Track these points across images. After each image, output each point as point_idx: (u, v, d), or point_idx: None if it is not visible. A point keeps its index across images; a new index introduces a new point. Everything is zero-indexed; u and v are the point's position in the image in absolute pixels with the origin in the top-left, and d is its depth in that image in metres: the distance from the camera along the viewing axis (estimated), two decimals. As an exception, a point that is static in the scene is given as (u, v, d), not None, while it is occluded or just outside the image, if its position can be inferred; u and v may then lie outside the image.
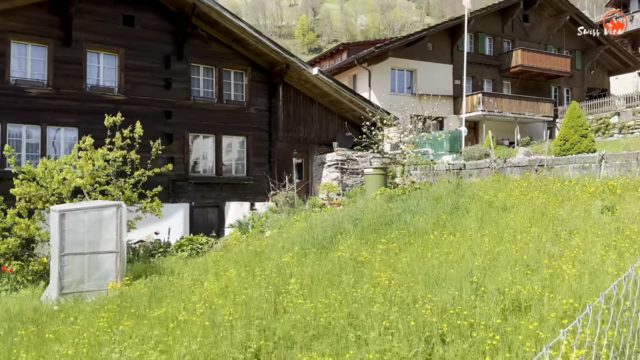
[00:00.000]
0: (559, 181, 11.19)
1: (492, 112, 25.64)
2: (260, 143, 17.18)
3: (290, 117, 17.88)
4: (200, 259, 10.46)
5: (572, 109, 13.39)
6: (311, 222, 12.35)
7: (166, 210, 15.02)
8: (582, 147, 13.05)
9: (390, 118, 16.03)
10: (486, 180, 13.11)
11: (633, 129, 23.03)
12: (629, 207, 8.41)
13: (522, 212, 9.10)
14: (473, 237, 8.25)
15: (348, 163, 17.59)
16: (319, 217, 13.18)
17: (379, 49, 22.87)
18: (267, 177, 16.88)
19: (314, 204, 15.81)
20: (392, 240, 8.49)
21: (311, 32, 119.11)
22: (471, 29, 26.41)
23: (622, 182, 9.82)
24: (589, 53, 30.82)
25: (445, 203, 10.26)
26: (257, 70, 17.13)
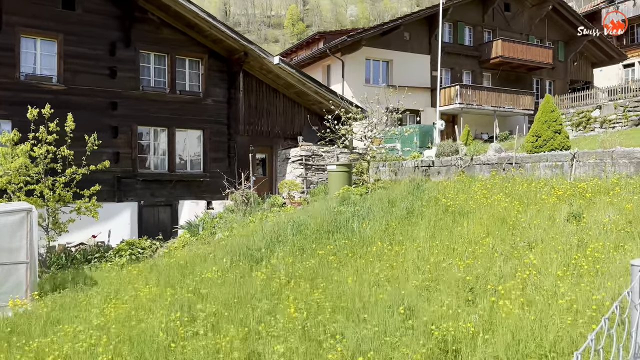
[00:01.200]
0: (527, 182, 10.25)
1: (471, 105, 24.67)
2: (219, 137, 16.05)
3: (252, 109, 16.75)
4: (129, 269, 9.37)
5: (545, 103, 12.41)
6: (264, 224, 11.34)
7: (110, 210, 13.90)
8: (555, 144, 12.09)
9: (357, 111, 14.99)
10: (452, 179, 12.13)
11: (615, 123, 22.19)
12: (597, 215, 7.47)
13: (481, 219, 8.14)
14: (421, 249, 7.26)
15: (313, 159, 16.53)
16: (274, 219, 12.16)
17: (351, 37, 21.75)
18: (227, 173, 15.77)
19: (274, 203, 14.75)
20: (332, 252, 7.47)
21: (301, 22, 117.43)
22: (450, 18, 25.38)
23: (593, 184, 8.88)
24: (572, 44, 29.93)
25: (399, 207, 9.26)
26: (215, 58, 15.95)
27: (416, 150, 16.56)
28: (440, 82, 25.76)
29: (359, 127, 14.88)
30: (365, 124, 13.97)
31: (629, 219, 7.04)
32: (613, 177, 9.19)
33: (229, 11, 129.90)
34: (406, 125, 17.06)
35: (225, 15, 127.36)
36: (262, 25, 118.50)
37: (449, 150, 15.60)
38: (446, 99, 24.60)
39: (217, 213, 14.38)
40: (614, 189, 8.50)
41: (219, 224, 13.54)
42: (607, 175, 10.18)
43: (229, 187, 14.22)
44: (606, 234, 6.63)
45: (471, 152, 15.08)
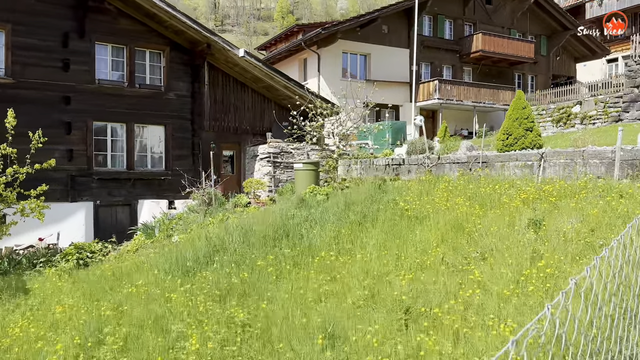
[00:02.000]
0: (493, 183, 9.71)
1: (451, 101, 24.13)
2: (182, 133, 15.34)
3: (218, 104, 16.05)
4: (66, 279, 8.68)
5: (516, 99, 11.88)
6: (227, 225, 10.69)
7: (63, 211, 13.18)
8: (526, 143, 11.57)
9: (327, 107, 14.35)
10: (419, 179, 11.56)
11: (595, 119, 21.77)
12: (559, 221, 6.92)
13: (437, 224, 7.57)
14: (368, 259, 6.67)
15: (282, 156, 15.89)
16: (234, 220, 11.52)
17: (326, 30, 21.05)
18: (190, 171, 15.08)
19: (237, 203, 14.10)
20: (273, 263, 6.85)
21: (290, 15, 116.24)
22: (429, 10, 24.77)
23: (560, 187, 8.34)
24: (555, 38, 29.48)
25: (355, 211, 8.66)
26: (177, 50, 15.21)
27: (388, 147, 15.98)
28: (419, 76, 25.22)
29: (330, 123, 14.26)
30: (331, 121, 13.34)
31: (592, 227, 6.51)
32: (581, 179, 8.66)
33: (218, 3, 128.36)
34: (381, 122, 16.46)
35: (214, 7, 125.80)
36: (252, 17, 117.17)
37: (420, 148, 15.03)
38: (425, 94, 24.04)
39: (176, 213, 13.71)
40: (581, 192, 7.98)
41: (177, 226, 12.87)
42: (578, 176, 9.69)
43: (190, 186, 13.53)
44: (565, 245, 6.08)
45: (442, 150, 14.54)
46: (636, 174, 8.84)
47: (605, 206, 7.15)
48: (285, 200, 13.89)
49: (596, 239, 6.08)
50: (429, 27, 25.52)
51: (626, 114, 20.24)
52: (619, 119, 20.45)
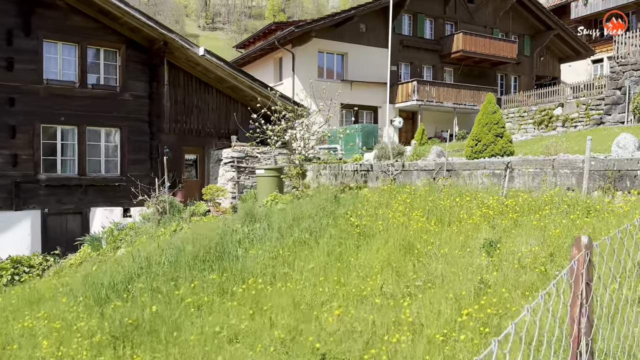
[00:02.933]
0: (456, 194, 9.01)
1: (431, 102, 23.43)
2: (139, 136, 14.49)
3: (180, 105, 15.22)
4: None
5: (486, 103, 11.16)
6: (164, 241, 9.89)
7: (6, 220, 12.31)
8: (496, 149, 10.86)
9: (293, 109, 13.56)
10: (381, 188, 10.81)
11: (577, 122, 21.18)
12: (516, 243, 6.22)
13: (386, 244, 6.82)
14: (304, 286, 5.92)
15: (247, 160, 15.09)
16: (187, 232, 10.73)
17: (300, 28, 20.24)
18: (148, 176, 14.25)
19: (195, 211, 13.30)
20: (196, 290, 6.07)
21: (282, 13, 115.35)
22: (409, 9, 24.03)
23: (523, 201, 7.64)
24: (539, 38, 28.88)
25: (302, 227, 7.88)
26: (134, 48, 14.35)
27: (358, 152, 15.23)
28: (399, 77, 24.52)
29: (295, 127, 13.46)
30: (297, 124, 12.56)
31: (552, 251, 5.80)
32: (548, 192, 7.96)
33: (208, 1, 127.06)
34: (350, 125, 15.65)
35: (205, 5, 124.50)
36: (243, 15, 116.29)
37: (390, 152, 14.29)
38: (404, 95, 23.33)
39: (128, 223, 12.87)
40: (545, 208, 7.29)
41: (126, 237, 12.04)
42: (548, 187, 9.01)
43: (144, 193, 12.70)
44: (518, 273, 5.36)
45: (412, 155, 13.83)
46: (608, 186, 8.14)
47: (570, 225, 6.45)
48: (246, 209, 13.13)
49: (553, 267, 5.37)
50: (408, 26, 24.79)
51: (608, 116, 19.65)
52: (601, 122, 19.86)
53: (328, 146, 15.89)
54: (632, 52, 19.17)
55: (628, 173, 7.94)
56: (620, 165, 8.04)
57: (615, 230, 5.52)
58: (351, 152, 15.48)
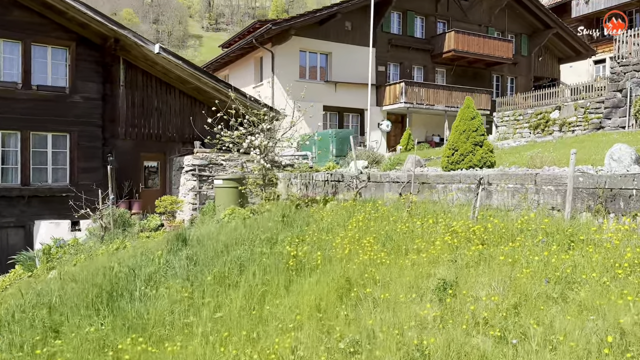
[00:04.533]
0: (421, 214, 7.76)
1: (421, 105, 22.12)
2: (91, 142, 13.25)
3: (138, 108, 13.98)
4: None
5: (464, 108, 9.85)
6: (120, 256, 8.67)
7: None
8: (474, 160, 9.56)
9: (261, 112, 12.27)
10: (342, 204, 9.52)
11: (574, 126, 19.82)
12: (476, 285, 4.96)
13: (320, 284, 5.55)
14: (203, 344, 4.65)
15: (210, 168, 13.82)
16: (129, 251, 9.50)
17: (277, 25, 18.97)
18: (101, 185, 13.00)
19: (145, 226, 12.07)
20: (65, 348, 4.80)
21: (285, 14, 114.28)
22: (398, 6, 22.73)
23: (493, 227, 6.34)
24: (537, 37, 27.50)
25: (231, 257, 6.58)
26: (86, 46, 13.12)
27: (332, 159, 13.95)
28: (387, 78, 23.24)
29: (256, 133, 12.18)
30: (250, 130, 11.29)
31: (517, 301, 4.53)
32: (523, 216, 6.66)
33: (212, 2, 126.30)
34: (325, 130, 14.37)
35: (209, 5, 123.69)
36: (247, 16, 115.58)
37: (367, 160, 13.00)
38: (391, 97, 22.02)
39: (70, 239, 11.62)
40: (518, 237, 6.01)
41: (64, 255, 10.80)
42: (529, 206, 7.73)
43: (87, 206, 11.45)
44: (467, 335, 4.08)
45: (387, 164, 12.52)
46: (598, 207, 6.83)
47: (545, 262, 5.17)
48: (200, 224, 11.91)
49: (515, 329, 4.08)
50: (398, 24, 23.48)
51: (608, 120, 18.29)
52: (601, 127, 18.50)
53: (298, 153, 14.61)
54: (634, 52, 17.80)
55: (621, 192, 6.64)
56: (613, 183, 6.73)
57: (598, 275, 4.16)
58: (325, 160, 14.20)
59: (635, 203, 6.41)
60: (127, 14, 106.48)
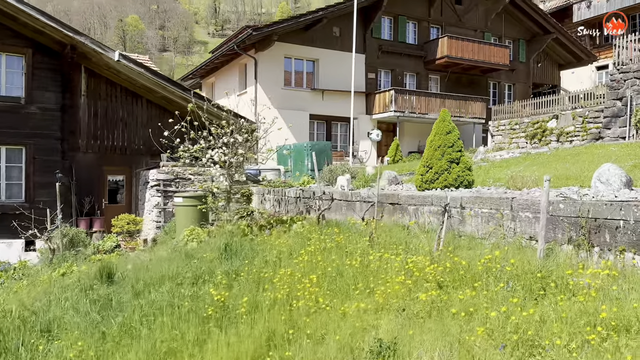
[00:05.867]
0: (383, 244, 6.83)
1: (413, 113, 21.17)
2: (48, 155, 12.41)
3: (102, 118, 13.14)
4: None
5: (439, 122, 8.89)
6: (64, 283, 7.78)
7: None
8: (450, 179, 8.60)
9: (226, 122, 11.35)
10: (301, 228, 8.58)
11: (572, 136, 18.81)
12: (423, 346, 4.03)
13: (244, 339, 4.62)
14: None
15: (177, 183, 12.94)
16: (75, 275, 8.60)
17: (259, 31, 18.11)
18: (60, 202, 12.16)
19: (100, 247, 11.18)
20: None
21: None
22: (389, 11, 21.83)
23: (452, 266, 5.38)
24: (535, 43, 26.50)
25: (149, 299, 5.64)
26: (44, 54, 12.31)
27: (307, 173, 13.01)
28: (378, 85, 22.33)
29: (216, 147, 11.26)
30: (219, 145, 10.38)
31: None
32: (488, 254, 5.69)
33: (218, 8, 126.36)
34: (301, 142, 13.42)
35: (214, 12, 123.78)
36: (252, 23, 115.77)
37: (316, 178, 12.07)
38: (381, 105, 21.09)
39: (18, 262, 10.76)
40: (479, 280, 5.07)
41: (7, 281, 9.94)
42: (505, 235, 6.80)
43: (34, 226, 10.57)
44: None
45: (362, 181, 11.59)
46: (581, 239, 5.84)
47: (503, 320, 4.22)
48: (160, 245, 11.06)
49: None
50: (389, 29, 22.57)
51: (607, 130, 17.26)
52: (600, 137, 17.47)
53: (266, 167, 13.69)
54: (635, 58, 16.79)
55: (607, 223, 5.65)
56: (597, 212, 5.75)
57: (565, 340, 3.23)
58: (302, 174, 13.29)
59: (622, 236, 5.43)
60: (133, 20, 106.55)
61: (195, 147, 10.46)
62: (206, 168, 10.44)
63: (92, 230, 12.75)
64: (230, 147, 10.68)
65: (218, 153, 9.85)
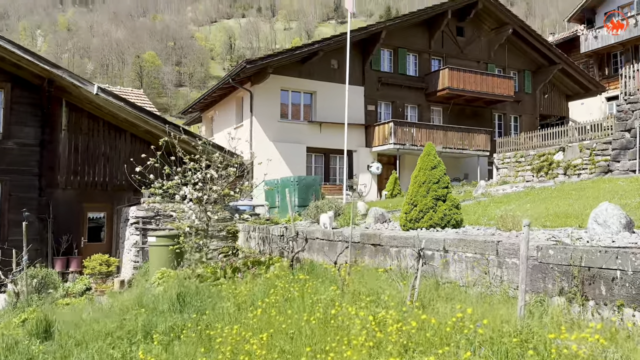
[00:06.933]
0: (353, 293, 6.11)
1: (414, 146, 20.54)
2: (25, 192, 11.93)
3: (83, 154, 12.71)
4: None
5: (424, 155, 8.21)
6: None
7: None
8: (435, 218, 7.85)
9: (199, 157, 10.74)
10: (267, 275, 7.86)
11: (580, 169, 17.95)
12: None
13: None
14: None
15: (157, 221, 12.34)
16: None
17: (252, 64, 17.80)
18: (35, 240, 11.64)
19: (70, 290, 10.53)
20: None
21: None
22: (388, 43, 21.49)
23: (420, 327, 4.62)
24: (541, 74, 25.91)
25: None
26: (23, 88, 12.00)
27: (293, 210, 12.32)
28: (378, 117, 21.83)
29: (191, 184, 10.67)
30: (181, 178, 9.82)
31: None
32: (451, 318, 4.91)
33: (234, 44, 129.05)
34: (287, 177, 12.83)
35: (230, 48, 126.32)
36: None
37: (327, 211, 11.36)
38: (380, 138, 20.51)
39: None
40: (456, 338, 4.31)
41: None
42: (491, 284, 6.05)
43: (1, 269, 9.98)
44: None
45: (345, 218, 10.85)
46: (573, 291, 5.04)
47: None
48: (135, 287, 10.38)
49: None
50: (388, 61, 22.19)
51: (616, 163, 16.41)
52: (609, 170, 16.61)
53: (247, 203, 13.04)
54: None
55: (602, 273, 4.86)
56: (591, 260, 4.97)
57: None
58: (287, 210, 12.59)
59: (619, 289, 4.64)
60: (150, 57, 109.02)
61: (168, 183, 9.91)
62: (179, 205, 9.85)
63: (69, 271, 12.15)
64: (207, 183, 10.12)
65: (189, 190, 9.26)
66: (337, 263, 7.26)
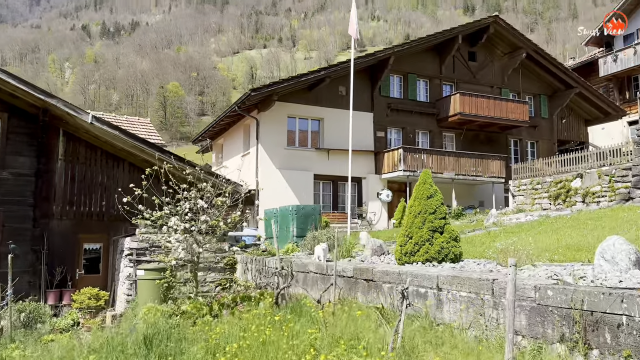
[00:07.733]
0: (334, 336, 5.57)
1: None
2: (19, 223, 11.70)
3: (79, 183, 12.49)
4: None
5: (420, 183, 7.68)
6: None
7: None
8: (432, 251, 7.28)
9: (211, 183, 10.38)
10: (248, 313, 7.30)
11: (599, 196, 17.06)
12: None
13: None
14: None
15: (152, 252, 11.95)
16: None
17: (257, 91, 17.61)
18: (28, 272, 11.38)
19: (56, 326, 10.13)
20: None
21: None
22: (397, 69, 21.17)
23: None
24: (558, 98, 25.20)
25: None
26: (20, 117, 11.90)
27: (292, 240, 11.83)
28: (388, 144, 21.36)
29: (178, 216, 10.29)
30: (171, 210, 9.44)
31: None
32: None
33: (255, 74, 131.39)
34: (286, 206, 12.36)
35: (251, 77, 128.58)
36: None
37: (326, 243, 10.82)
38: (390, 165, 19.99)
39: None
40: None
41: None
42: (487, 326, 5.47)
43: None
44: None
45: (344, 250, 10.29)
46: (574, 338, 4.40)
47: None
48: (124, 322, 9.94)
49: None
50: (398, 87, 21.83)
51: (637, 190, 15.55)
52: (630, 197, 15.74)
53: (240, 233, 12.57)
54: (662, 110, 15.33)
55: (606, 318, 4.24)
56: (593, 302, 4.37)
57: None
58: (286, 240, 12.11)
59: (626, 337, 4.02)
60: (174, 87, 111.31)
61: (156, 213, 9.56)
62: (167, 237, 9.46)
63: (62, 304, 11.79)
64: (197, 213, 9.74)
65: (174, 221, 8.87)
66: (320, 302, 6.71)
